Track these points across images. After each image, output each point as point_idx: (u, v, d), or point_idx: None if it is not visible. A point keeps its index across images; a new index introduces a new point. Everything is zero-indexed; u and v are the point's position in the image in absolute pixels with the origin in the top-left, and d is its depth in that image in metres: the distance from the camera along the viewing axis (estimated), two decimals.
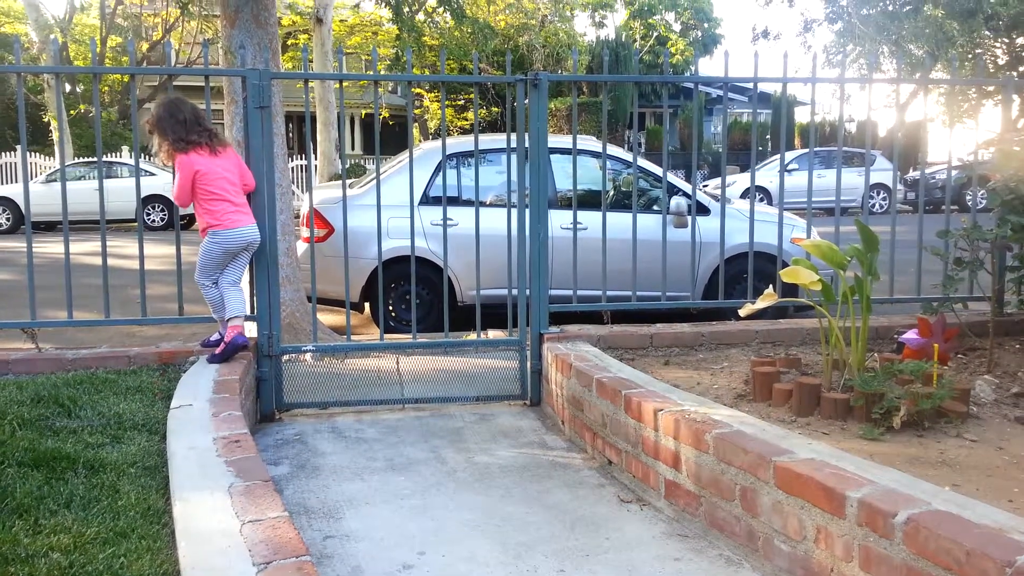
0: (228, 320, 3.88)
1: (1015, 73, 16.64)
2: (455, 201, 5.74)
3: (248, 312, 4.07)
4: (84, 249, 10.00)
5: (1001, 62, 18.05)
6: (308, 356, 4.58)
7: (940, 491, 2.12)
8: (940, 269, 4.33)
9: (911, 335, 3.54)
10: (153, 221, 16.86)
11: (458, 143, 6.28)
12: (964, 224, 4.10)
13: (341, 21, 24.30)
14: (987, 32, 17.32)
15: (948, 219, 4.50)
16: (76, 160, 18.83)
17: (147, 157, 20.76)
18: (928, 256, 4.30)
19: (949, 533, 1.84)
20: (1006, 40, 18.00)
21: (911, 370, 3.13)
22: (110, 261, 4.17)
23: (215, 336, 4.02)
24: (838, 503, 2.12)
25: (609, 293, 4.53)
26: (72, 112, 22.88)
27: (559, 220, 5.57)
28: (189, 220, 16.97)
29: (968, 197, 5.52)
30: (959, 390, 3.02)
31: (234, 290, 3.91)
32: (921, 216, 4.69)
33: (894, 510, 1.98)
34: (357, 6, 23.56)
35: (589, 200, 6.01)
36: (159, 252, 10.47)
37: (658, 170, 6.38)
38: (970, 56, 16.24)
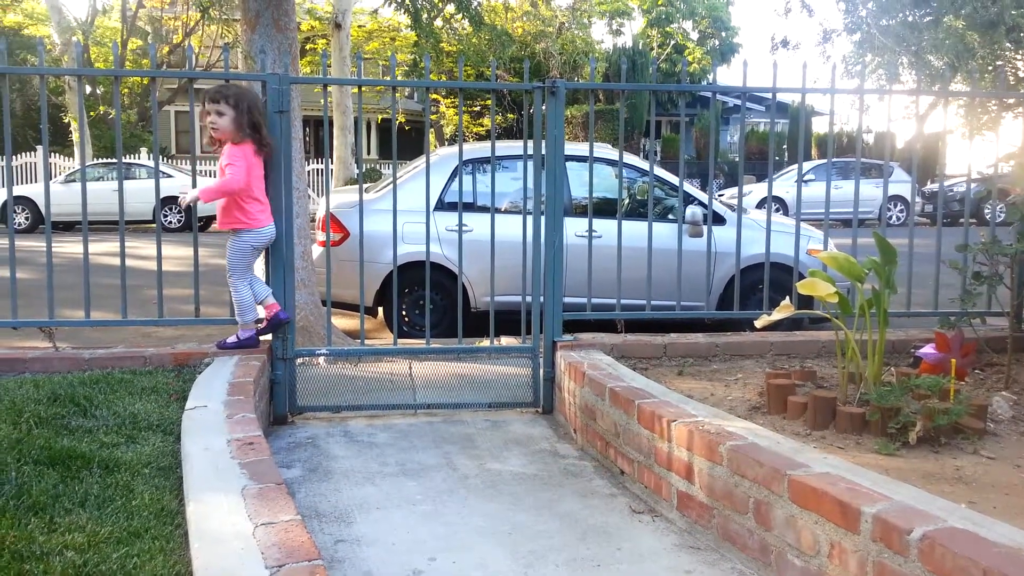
0: (262, 302, 4.02)
1: None
2: (470, 207, 5.75)
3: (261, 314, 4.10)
4: (102, 249, 10.09)
5: (1022, 74, 17.92)
6: (322, 360, 4.59)
7: (956, 508, 2.10)
8: (958, 283, 4.29)
9: (928, 349, 3.51)
10: (170, 222, 16.99)
11: (474, 149, 6.30)
12: (983, 238, 4.07)
13: (359, 27, 24.47)
14: (1008, 44, 17.20)
15: (967, 232, 4.46)
16: (95, 161, 19.01)
17: (166, 159, 20.91)
18: (946, 270, 4.26)
19: (965, 551, 1.82)
20: None
21: (928, 385, 3.10)
22: (128, 262, 4.21)
23: (232, 339, 4.04)
24: (853, 518, 2.11)
25: (623, 302, 4.52)
26: (92, 113, 23.12)
27: (574, 228, 5.57)
28: (207, 221, 17.11)
29: (987, 210, 5.48)
30: (976, 406, 2.99)
31: (256, 280, 4.07)
32: (939, 229, 4.65)
33: (909, 526, 1.96)
34: (375, 12, 23.71)
35: (604, 208, 6.00)
36: (176, 253, 10.54)
37: (674, 179, 6.37)
38: (991, 68, 16.13)
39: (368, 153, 29.05)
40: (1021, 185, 3.94)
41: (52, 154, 21.14)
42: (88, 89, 24.37)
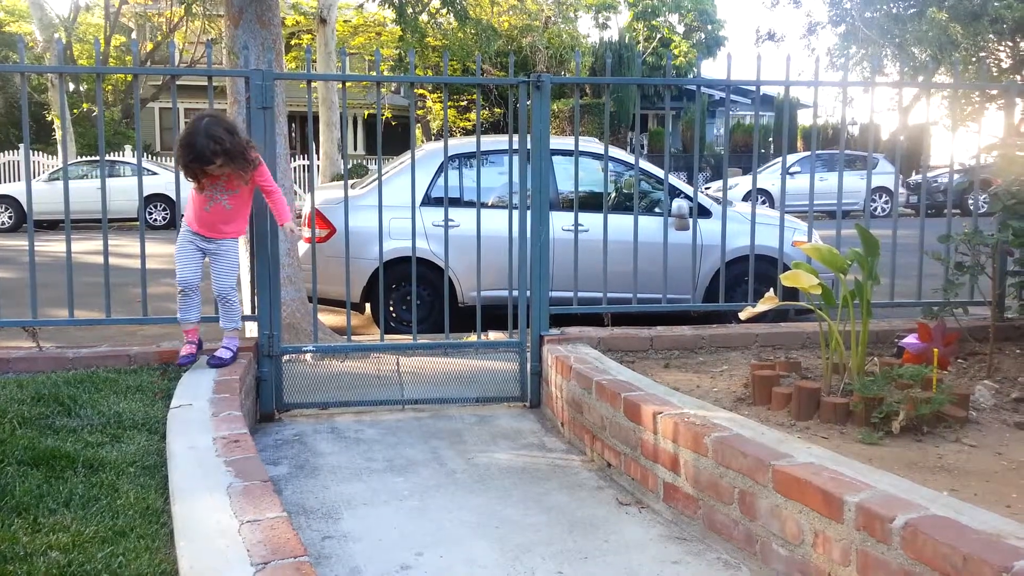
0: (195, 324, 3.85)
1: (1019, 77, 16.62)
2: (456, 202, 5.75)
3: (248, 312, 4.08)
4: (86, 248, 10.02)
5: (1005, 66, 18.03)
6: (308, 356, 4.58)
7: (938, 496, 2.12)
8: (941, 273, 4.33)
9: (911, 339, 3.54)
10: (155, 220, 16.88)
11: (460, 144, 6.29)
12: (965, 228, 4.10)
13: (345, 22, 24.32)
14: (991, 36, 17.30)
15: (950, 223, 4.49)
16: (79, 159, 18.84)
17: (150, 156, 20.75)
18: (929, 260, 4.30)
19: (947, 538, 1.84)
20: (1010, 44, 17.98)
21: (911, 375, 3.13)
22: (112, 260, 4.18)
23: (225, 353, 3.81)
24: (836, 507, 2.12)
25: (610, 295, 4.53)
26: (75, 111, 22.92)
27: (560, 222, 5.57)
28: None
29: (970, 201, 5.52)
30: (958, 395, 3.01)
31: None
32: (923, 220, 4.69)
33: (892, 515, 1.98)
34: (361, 7, 23.60)
35: (590, 202, 6.00)
36: (160, 251, 10.47)
37: (660, 172, 6.38)
38: (974, 60, 16.22)
39: (354, 149, 28.93)
40: (1003, 176, 3.97)
41: (35, 152, 20.94)
42: (71, 86, 24.16)
